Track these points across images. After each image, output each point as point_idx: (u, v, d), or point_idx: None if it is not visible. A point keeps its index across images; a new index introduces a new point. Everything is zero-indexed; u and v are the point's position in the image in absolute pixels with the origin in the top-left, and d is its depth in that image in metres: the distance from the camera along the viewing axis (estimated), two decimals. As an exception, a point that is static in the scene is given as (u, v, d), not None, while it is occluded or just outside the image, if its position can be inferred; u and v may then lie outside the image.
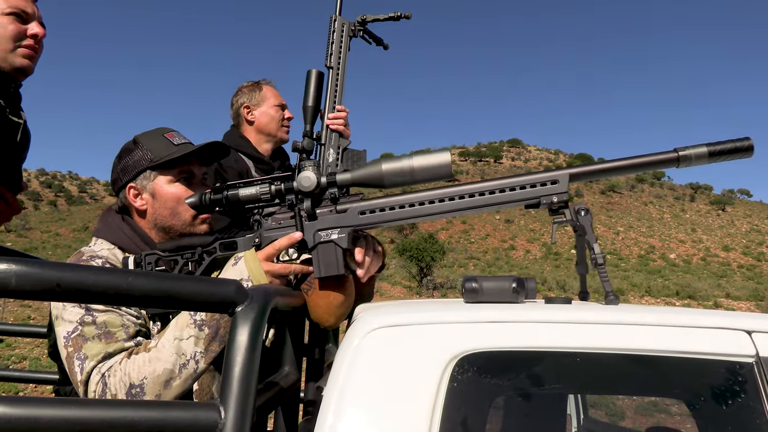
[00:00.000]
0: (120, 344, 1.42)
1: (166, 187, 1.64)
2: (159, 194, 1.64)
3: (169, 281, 1.07)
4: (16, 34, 1.82)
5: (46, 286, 0.96)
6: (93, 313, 1.44)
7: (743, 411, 1.10)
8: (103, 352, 1.40)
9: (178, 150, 1.64)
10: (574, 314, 1.15)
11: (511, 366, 1.10)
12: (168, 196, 1.64)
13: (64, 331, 1.44)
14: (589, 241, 1.39)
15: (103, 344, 1.41)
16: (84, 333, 1.42)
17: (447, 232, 59.11)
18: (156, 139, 1.67)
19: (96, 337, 1.41)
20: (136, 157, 1.65)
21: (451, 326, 1.10)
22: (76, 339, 1.42)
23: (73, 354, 1.41)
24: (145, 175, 1.64)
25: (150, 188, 1.65)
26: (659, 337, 1.14)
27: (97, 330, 1.42)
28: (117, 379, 1.36)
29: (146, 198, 1.65)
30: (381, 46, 2.73)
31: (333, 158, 2.46)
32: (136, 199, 1.65)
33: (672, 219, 71.54)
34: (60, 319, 1.46)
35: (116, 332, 1.43)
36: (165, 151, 1.64)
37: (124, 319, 1.47)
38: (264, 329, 1.11)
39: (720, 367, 1.13)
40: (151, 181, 1.65)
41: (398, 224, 1.52)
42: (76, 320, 1.43)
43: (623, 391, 1.49)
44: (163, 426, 1.00)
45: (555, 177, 1.43)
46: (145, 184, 1.65)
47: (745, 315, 1.20)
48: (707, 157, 1.39)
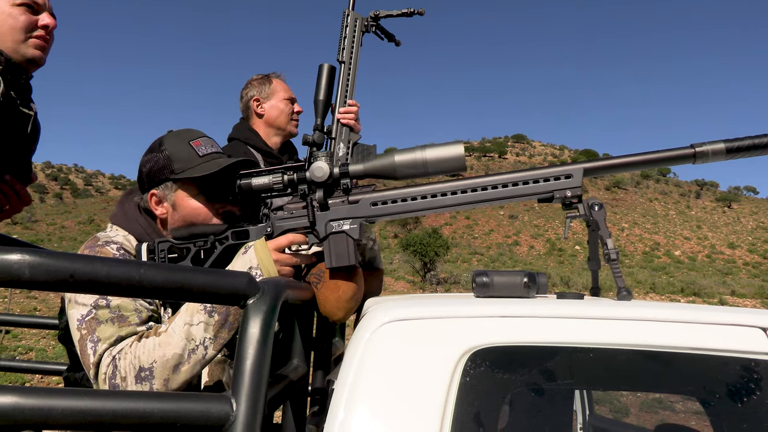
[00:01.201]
0: (132, 328, 1.44)
1: (187, 200, 1.63)
2: (180, 207, 1.64)
3: (181, 273, 1.07)
4: (27, 24, 1.82)
5: (60, 277, 0.96)
6: (107, 297, 1.45)
7: (759, 408, 1.09)
8: (116, 335, 1.42)
9: (202, 164, 1.61)
10: (587, 310, 1.15)
11: (524, 361, 1.10)
12: (188, 210, 1.63)
13: (78, 314, 1.45)
14: (602, 236, 1.37)
15: (116, 327, 1.42)
16: (98, 316, 1.43)
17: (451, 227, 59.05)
18: (181, 146, 1.64)
19: (110, 321, 1.43)
20: (159, 165, 1.63)
21: (463, 320, 1.10)
22: (90, 322, 1.43)
23: (87, 336, 1.42)
24: (166, 185, 1.63)
25: (171, 199, 1.64)
26: (673, 334, 1.13)
27: (111, 313, 1.44)
28: (127, 362, 1.37)
29: (167, 207, 1.65)
30: (393, 42, 2.73)
31: (343, 152, 2.46)
32: (157, 207, 1.65)
33: (677, 216, 71.31)
34: (74, 302, 1.47)
35: (129, 316, 1.45)
36: (188, 163, 1.62)
37: (137, 304, 1.48)
38: (275, 322, 1.11)
39: (735, 364, 1.12)
40: (172, 192, 1.64)
41: (411, 216, 1.52)
42: (90, 303, 1.45)
43: (635, 388, 1.48)
44: (176, 417, 1.00)
45: (569, 171, 1.42)
46: (167, 194, 1.64)
47: (761, 312, 1.19)
48: (725, 153, 1.38)
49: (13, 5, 1.80)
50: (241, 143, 2.65)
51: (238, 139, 2.68)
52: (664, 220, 68.37)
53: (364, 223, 1.51)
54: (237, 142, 2.66)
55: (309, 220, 1.53)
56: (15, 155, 1.88)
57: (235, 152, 2.58)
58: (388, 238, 50.42)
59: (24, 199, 1.91)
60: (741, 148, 1.37)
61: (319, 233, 1.52)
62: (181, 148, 1.64)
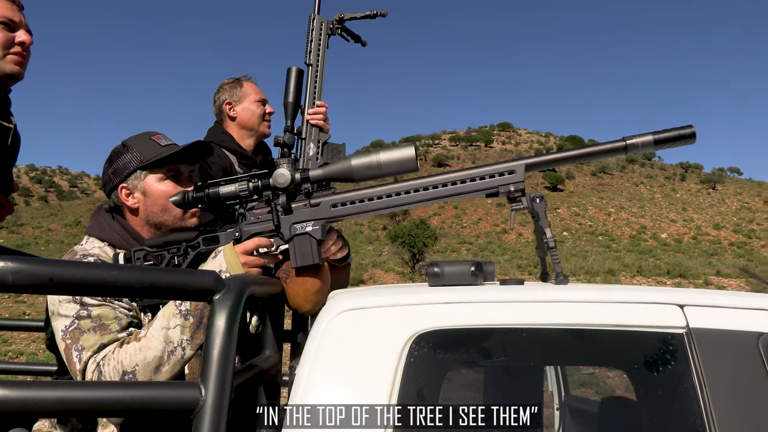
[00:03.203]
0: (113, 335, 1.54)
1: (156, 185, 1.76)
2: (150, 192, 1.76)
3: (151, 273, 1.18)
4: (4, 42, 1.91)
5: (40, 281, 1.06)
6: (87, 308, 1.56)
7: (674, 377, 1.22)
8: (99, 343, 1.52)
9: (165, 150, 1.76)
10: (522, 294, 1.27)
11: (464, 342, 1.22)
12: (158, 194, 1.76)
13: (61, 326, 1.56)
14: (542, 226, 1.50)
15: (98, 336, 1.53)
16: (80, 326, 1.54)
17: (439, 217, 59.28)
18: (144, 141, 1.79)
19: (92, 330, 1.53)
20: (126, 159, 1.76)
21: (408, 308, 1.22)
22: (73, 332, 1.54)
23: (71, 346, 1.53)
24: (135, 175, 1.75)
25: (141, 187, 1.75)
26: (600, 313, 1.25)
27: (93, 323, 1.54)
28: (111, 367, 1.48)
29: (138, 197, 1.76)
30: (359, 43, 2.83)
31: (314, 152, 2.56)
32: (128, 198, 1.76)
33: (663, 199, 71.94)
34: (57, 314, 1.58)
35: (110, 324, 1.55)
36: (153, 153, 1.75)
37: (117, 312, 1.58)
38: (239, 315, 1.22)
39: (655, 338, 1.25)
40: (141, 180, 1.76)
41: (369, 215, 1.62)
42: (72, 315, 1.55)
43: (568, 363, 1.61)
44: (149, 404, 1.12)
45: (512, 167, 1.54)
46: (136, 184, 1.76)
47: (679, 290, 1.32)
48: (653, 144, 1.50)
49: (-10, 24, 1.89)
50: (216, 146, 2.74)
51: (213, 142, 2.77)
52: (650, 203, 68.94)
53: (326, 223, 1.62)
54: (212, 145, 2.75)
55: (274, 223, 1.63)
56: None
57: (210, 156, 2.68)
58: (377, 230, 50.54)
59: (6, 208, 2.01)
60: (668, 138, 1.49)
61: (284, 235, 1.62)
62: (144, 142, 1.79)
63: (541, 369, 1.32)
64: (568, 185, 76.03)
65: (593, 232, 56.31)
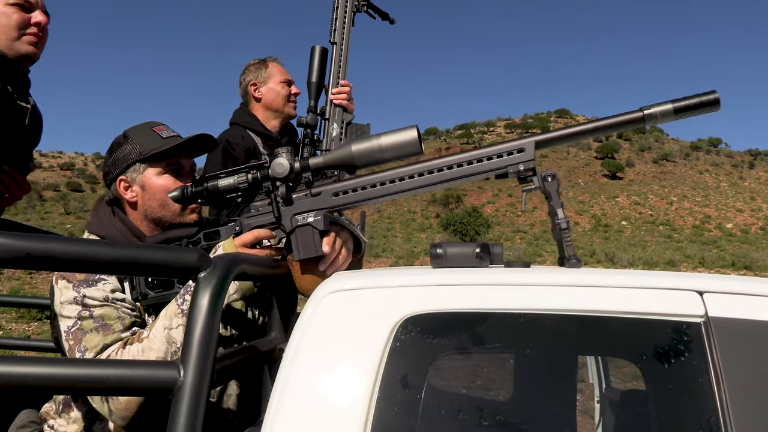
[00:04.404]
0: (116, 335, 1.53)
1: (155, 179, 1.72)
2: (148, 186, 1.72)
3: (133, 250, 1.16)
4: (20, 22, 1.93)
5: (17, 255, 1.05)
6: (90, 308, 1.55)
7: (688, 370, 1.11)
8: (102, 344, 1.51)
9: (166, 143, 1.71)
10: (523, 277, 1.18)
11: (457, 327, 1.14)
12: (157, 188, 1.72)
13: (64, 326, 1.56)
14: (553, 206, 1.40)
15: (101, 336, 1.52)
16: (83, 326, 1.53)
17: (493, 205, 58.61)
18: (145, 132, 1.74)
19: (94, 330, 1.52)
20: (126, 151, 1.73)
21: (396, 290, 1.15)
22: (75, 332, 1.53)
23: (75, 347, 1.52)
24: (135, 168, 1.72)
25: (140, 180, 1.72)
26: (609, 298, 1.16)
27: (95, 323, 1.53)
28: None
29: (136, 190, 1.73)
30: (387, 21, 2.76)
31: (337, 132, 2.52)
32: (126, 192, 1.73)
33: (729, 187, 68.96)
34: (59, 316, 1.57)
35: (113, 324, 1.54)
36: (154, 144, 1.71)
37: (120, 312, 1.57)
38: (224, 295, 1.17)
39: (668, 327, 1.14)
40: (140, 173, 1.72)
41: (374, 202, 1.55)
42: (74, 315, 1.55)
43: (570, 352, 1.51)
44: (128, 382, 1.09)
45: (521, 145, 1.44)
46: (135, 177, 1.72)
47: (699, 275, 1.20)
48: (673, 113, 1.38)
49: (6, 4, 1.91)
50: (241, 127, 2.73)
51: (238, 123, 2.76)
52: (716, 192, 66.22)
53: (328, 213, 1.55)
54: (237, 127, 2.75)
55: (275, 215, 1.58)
56: (13, 146, 2.00)
57: (234, 137, 2.67)
58: (430, 218, 50.37)
59: (23, 187, 2.04)
60: (689, 107, 1.36)
61: (286, 227, 1.57)
62: (145, 133, 1.74)
63: (542, 358, 1.23)
64: (627, 173, 73.80)
65: (654, 222, 54.59)
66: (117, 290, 1.61)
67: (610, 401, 2.36)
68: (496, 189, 64.66)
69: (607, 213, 58.00)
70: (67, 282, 1.58)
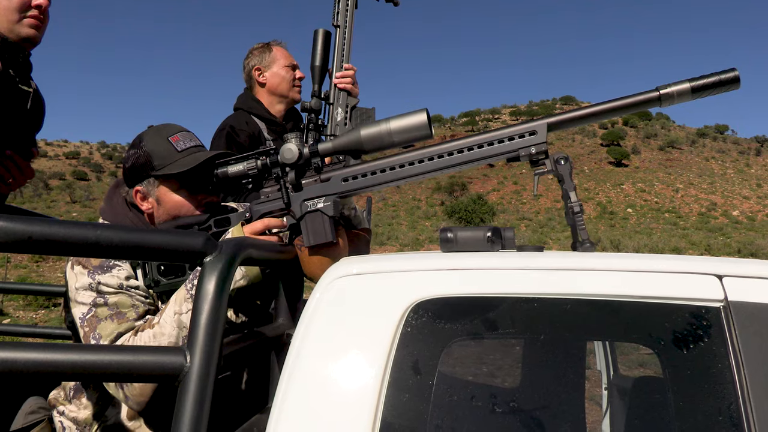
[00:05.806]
0: (130, 323, 1.53)
1: (170, 195, 1.69)
2: (163, 201, 1.70)
3: (136, 233, 1.13)
4: (20, 5, 1.90)
5: (19, 239, 1.03)
6: (105, 296, 1.54)
7: (707, 356, 1.08)
8: (116, 332, 1.51)
9: (180, 160, 1.66)
10: (536, 261, 1.15)
11: (468, 311, 1.12)
12: (172, 204, 1.70)
13: (79, 313, 1.55)
14: (566, 189, 1.37)
15: (115, 324, 1.52)
16: (98, 314, 1.53)
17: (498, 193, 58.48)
18: (160, 142, 1.69)
19: (109, 318, 1.52)
20: (140, 162, 1.69)
21: (405, 274, 1.12)
22: (90, 320, 1.53)
23: (89, 334, 1.52)
24: (149, 182, 1.69)
25: (155, 195, 1.70)
26: (623, 283, 1.13)
27: (110, 310, 1.53)
28: None
29: (152, 202, 1.71)
30: (391, 3, 2.71)
31: (341, 117, 2.48)
32: (143, 203, 1.71)
33: (736, 174, 68.57)
34: (74, 302, 1.57)
35: (127, 312, 1.54)
36: (167, 159, 1.67)
37: (134, 300, 1.57)
38: (231, 279, 1.15)
39: (686, 311, 1.11)
40: (155, 187, 1.70)
41: (383, 187, 1.53)
42: (89, 302, 1.54)
43: (584, 338, 1.48)
44: (133, 368, 1.07)
45: (533, 128, 1.40)
46: (150, 190, 1.70)
47: (718, 260, 1.17)
48: (690, 93, 1.34)
49: (6, -13, 1.88)
50: (245, 113, 2.70)
51: (242, 108, 2.72)
52: (722, 179, 65.87)
53: (338, 199, 1.53)
54: (241, 112, 2.71)
55: (284, 201, 1.56)
56: (16, 131, 1.98)
57: (238, 122, 2.64)
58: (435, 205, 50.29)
59: (26, 172, 2.02)
60: (707, 85, 1.33)
61: (295, 213, 1.55)
62: (160, 144, 1.68)
63: (556, 343, 1.20)
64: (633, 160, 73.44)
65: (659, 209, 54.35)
66: (131, 277, 1.60)
67: (617, 388, 2.34)
68: (501, 176, 64.48)
69: (612, 200, 57.82)
70: (82, 267, 1.57)
